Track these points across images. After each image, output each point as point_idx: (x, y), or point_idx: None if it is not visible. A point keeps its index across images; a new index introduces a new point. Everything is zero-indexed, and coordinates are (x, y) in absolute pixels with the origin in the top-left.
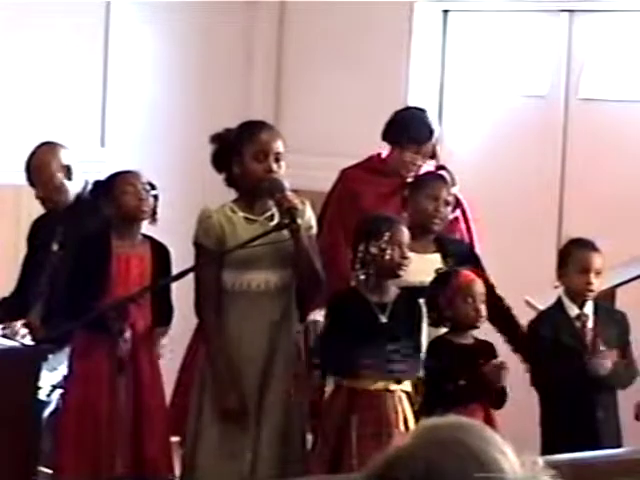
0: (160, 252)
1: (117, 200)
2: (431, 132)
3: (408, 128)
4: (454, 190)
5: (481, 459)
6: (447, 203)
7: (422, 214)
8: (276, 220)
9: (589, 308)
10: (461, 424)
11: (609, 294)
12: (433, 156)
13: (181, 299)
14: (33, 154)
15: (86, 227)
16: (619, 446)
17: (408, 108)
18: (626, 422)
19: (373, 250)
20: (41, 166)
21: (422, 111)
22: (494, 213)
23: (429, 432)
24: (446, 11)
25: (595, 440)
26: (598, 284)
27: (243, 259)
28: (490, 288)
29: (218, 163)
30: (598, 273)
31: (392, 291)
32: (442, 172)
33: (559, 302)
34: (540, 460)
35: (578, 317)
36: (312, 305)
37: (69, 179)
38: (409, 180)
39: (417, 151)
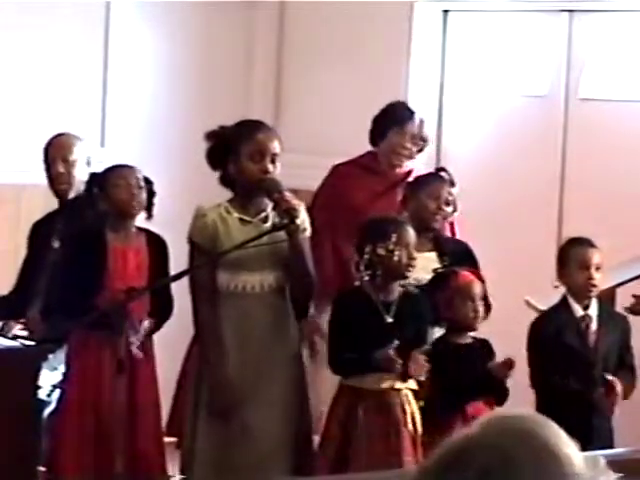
0: (157, 244)
1: (108, 193)
2: (412, 112)
3: (387, 115)
4: (454, 190)
5: (556, 453)
6: (447, 202)
7: (423, 213)
8: (271, 221)
9: (593, 309)
10: (531, 417)
11: (609, 294)
12: (423, 141)
13: (180, 300)
14: (58, 135)
15: (83, 223)
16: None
17: (387, 106)
18: (620, 425)
19: (380, 251)
20: (70, 145)
21: (399, 101)
22: (494, 213)
23: (499, 423)
24: (446, 11)
25: (588, 442)
26: (600, 280)
27: (238, 260)
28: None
29: (213, 160)
30: (598, 268)
31: (396, 290)
32: (442, 173)
33: (564, 302)
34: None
35: (582, 318)
36: (309, 306)
37: (89, 167)
38: (409, 180)
39: (403, 132)
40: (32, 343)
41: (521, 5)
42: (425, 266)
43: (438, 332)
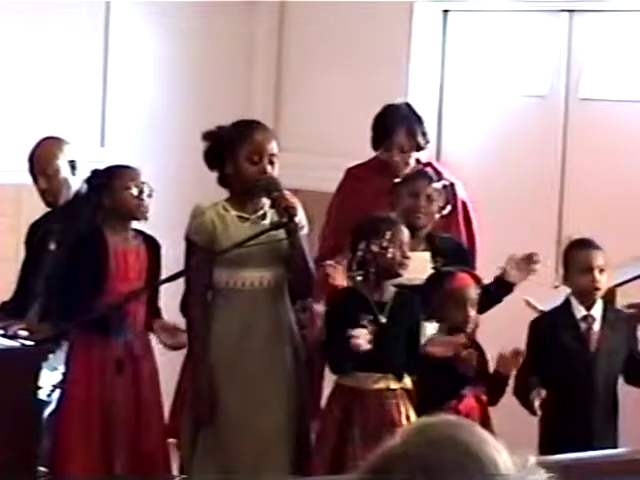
0: (154, 246)
1: (116, 196)
2: (398, 121)
3: (375, 129)
4: (436, 185)
5: (478, 455)
6: (429, 199)
7: (405, 211)
8: (269, 219)
9: (597, 310)
10: (453, 422)
11: (609, 294)
12: (418, 148)
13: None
14: (38, 146)
15: (81, 225)
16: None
17: (380, 110)
18: (625, 424)
19: (374, 249)
20: (48, 158)
21: (388, 108)
22: (494, 213)
23: (421, 431)
24: (446, 11)
25: (591, 444)
26: (604, 281)
27: (237, 257)
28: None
29: (210, 161)
30: (602, 270)
31: (389, 290)
32: (426, 169)
33: (567, 303)
34: (532, 459)
35: (584, 318)
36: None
37: (74, 174)
38: (396, 180)
39: (389, 146)
40: (32, 343)
41: (521, 5)
42: (418, 265)
43: (432, 330)
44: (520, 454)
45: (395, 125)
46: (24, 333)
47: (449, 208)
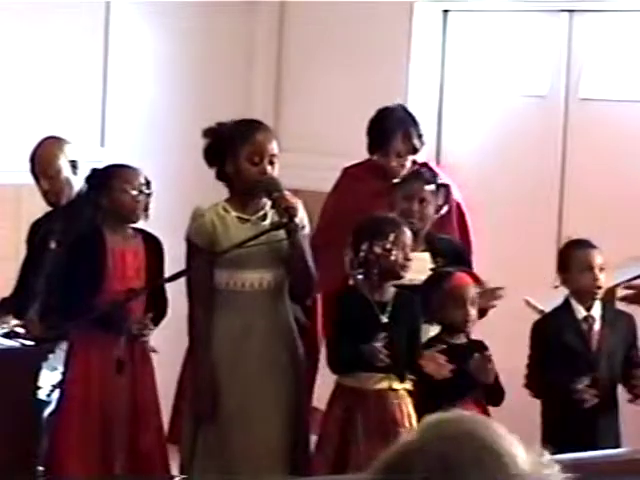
0: (153, 245)
1: (113, 197)
2: (394, 128)
3: (370, 135)
4: (428, 188)
5: (496, 450)
6: (423, 202)
7: (401, 215)
8: (269, 220)
9: (596, 310)
10: (469, 417)
11: (609, 294)
12: (414, 151)
13: (178, 305)
14: (39, 146)
15: (81, 223)
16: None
17: (375, 114)
18: (626, 425)
19: (377, 250)
20: (49, 159)
21: (383, 113)
22: (494, 213)
23: (437, 427)
24: (446, 11)
25: (594, 444)
26: (604, 280)
27: (237, 258)
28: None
29: (210, 158)
30: (602, 269)
31: (390, 290)
32: (422, 170)
33: (566, 303)
34: (547, 454)
35: (585, 319)
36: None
37: (75, 174)
38: (393, 182)
39: (386, 153)
40: (32, 343)
41: (521, 5)
42: (419, 266)
43: (433, 331)
44: (535, 449)
45: (391, 130)
46: (21, 331)
47: (446, 208)
